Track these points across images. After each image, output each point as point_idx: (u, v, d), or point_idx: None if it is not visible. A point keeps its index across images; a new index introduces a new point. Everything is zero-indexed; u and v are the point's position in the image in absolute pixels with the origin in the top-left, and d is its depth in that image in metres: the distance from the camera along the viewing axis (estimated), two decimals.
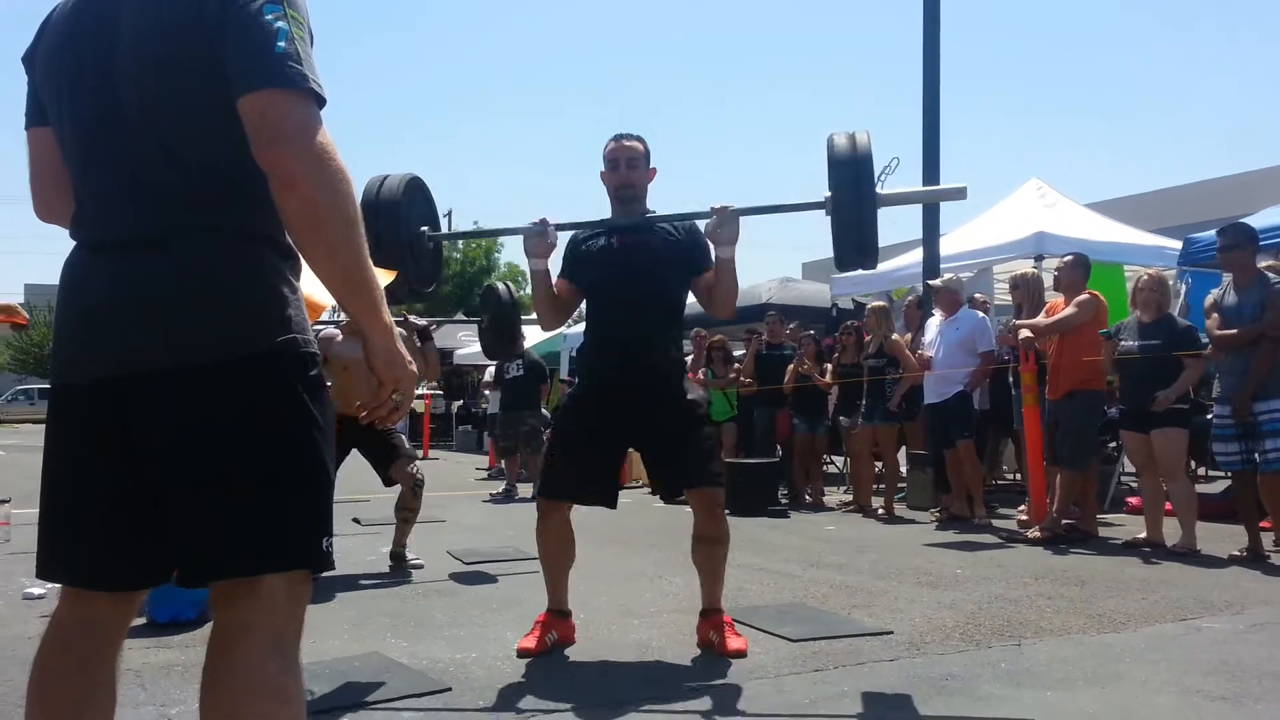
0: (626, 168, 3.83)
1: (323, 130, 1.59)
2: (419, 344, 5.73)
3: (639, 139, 3.89)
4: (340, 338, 5.58)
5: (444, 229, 4.23)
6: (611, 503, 3.83)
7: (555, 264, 3.88)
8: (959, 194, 3.83)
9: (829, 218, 3.51)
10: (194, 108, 1.63)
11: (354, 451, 5.59)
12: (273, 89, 1.57)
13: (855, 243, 3.45)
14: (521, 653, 3.65)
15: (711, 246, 3.72)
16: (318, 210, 1.57)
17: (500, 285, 5.37)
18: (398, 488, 5.67)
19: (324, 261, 1.62)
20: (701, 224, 3.76)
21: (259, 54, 1.58)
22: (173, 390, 1.60)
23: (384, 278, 6.35)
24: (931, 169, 9.62)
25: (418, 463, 5.73)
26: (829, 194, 3.48)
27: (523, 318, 5.26)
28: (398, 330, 1.73)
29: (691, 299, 3.91)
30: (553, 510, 3.81)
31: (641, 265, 3.79)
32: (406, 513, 5.68)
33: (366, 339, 1.70)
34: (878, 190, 3.48)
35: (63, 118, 1.74)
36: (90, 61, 1.69)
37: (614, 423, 3.76)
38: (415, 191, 3.79)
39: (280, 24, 1.59)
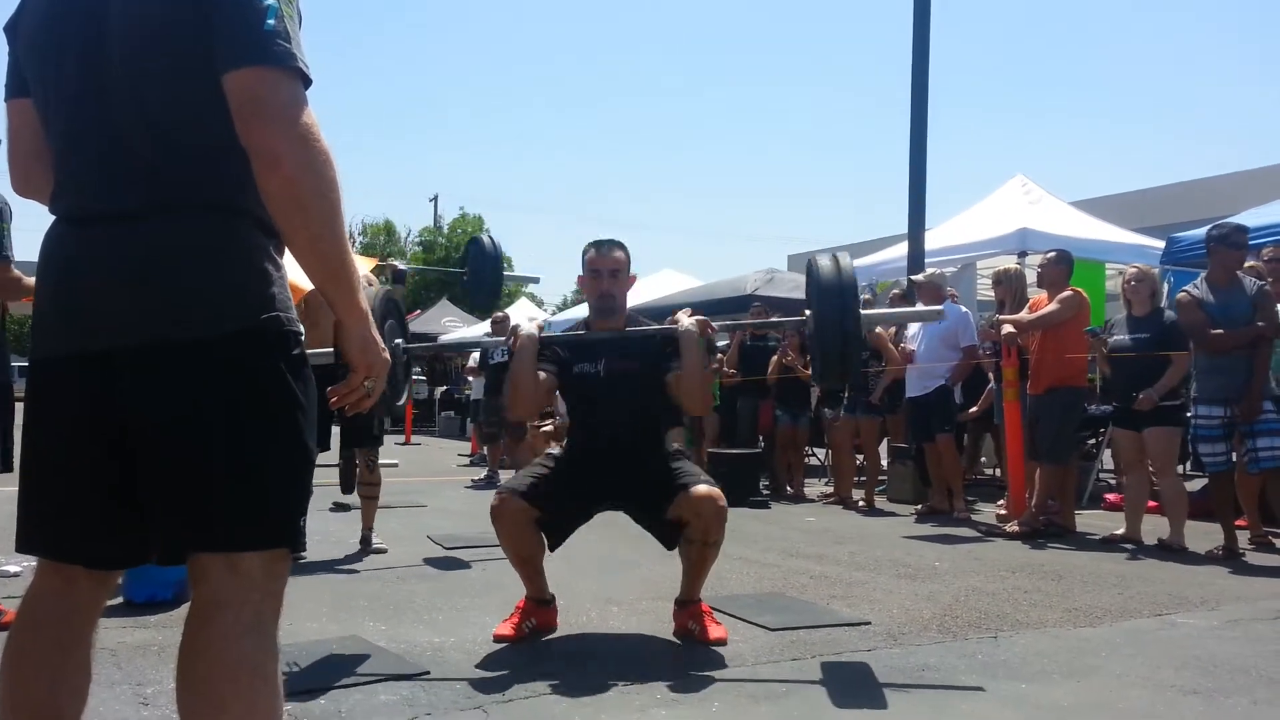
0: (609, 279, 3.84)
1: (308, 110, 1.58)
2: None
3: (620, 247, 3.89)
4: None
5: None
6: (553, 546, 3.81)
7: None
8: (937, 315, 3.95)
9: (810, 338, 3.67)
10: (180, 83, 1.61)
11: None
12: (259, 66, 1.55)
13: (838, 369, 3.56)
14: (498, 639, 3.64)
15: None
16: (301, 191, 1.55)
17: (484, 237, 5.33)
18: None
19: (304, 243, 1.60)
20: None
21: (246, 31, 1.56)
22: (154, 365, 1.58)
23: (363, 264, 6.30)
24: (918, 164, 9.64)
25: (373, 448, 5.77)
26: (809, 314, 3.61)
27: (506, 273, 5.22)
28: (371, 317, 1.72)
29: None
30: (515, 510, 3.66)
31: (629, 396, 3.82)
32: (367, 488, 5.72)
33: (341, 324, 1.68)
34: (862, 312, 3.60)
35: (46, 89, 1.72)
36: (76, 33, 1.66)
37: (598, 490, 3.81)
38: (390, 305, 3.70)
39: (269, 1, 1.58)
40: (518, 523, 3.67)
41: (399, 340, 3.75)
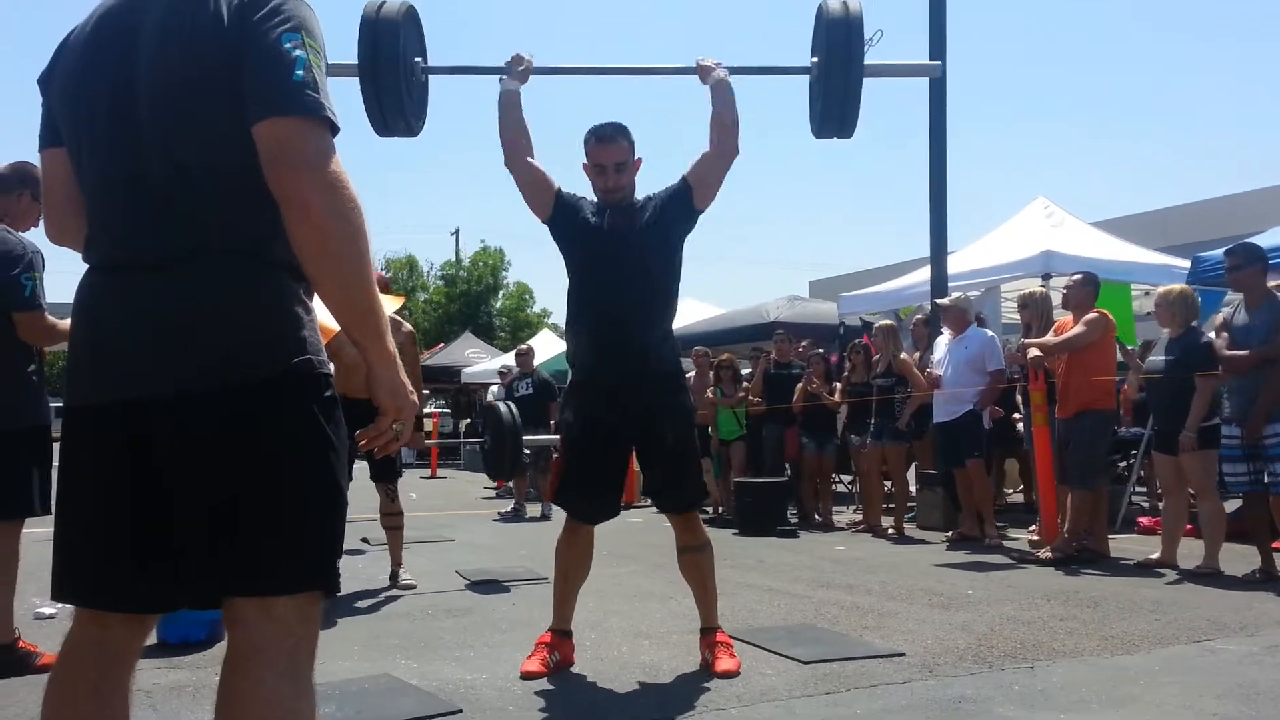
0: (614, 172, 3.73)
1: (336, 159, 1.61)
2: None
3: (623, 134, 3.75)
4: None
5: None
6: (615, 513, 3.87)
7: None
8: (933, 70, 3.98)
9: (812, 83, 3.66)
10: (211, 132, 1.64)
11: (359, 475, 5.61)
12: (289, 116, 1.58)
13: (838, 108, 3.53)
14: (526, 675, 3.62)
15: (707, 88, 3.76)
16: (330, 239, 1.58)
17: (503, 406, 5.43)
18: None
19: (333, 290, 1.62)
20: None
21: (277, 81, 1.59)
22: (188, 412, 1.60)
23: (390, 304, 6.37)
24: (939, 188, 9.63)
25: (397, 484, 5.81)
26: (815, 59, 3.58)
27: (524, 438, 5.39)
28: (399, 360, 1.73)
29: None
30: (582, 525, 3.83)
31: (632, 258, 3.70)
32: (391, 518, 5.76)
33: (370, 367, 1.69)
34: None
35: (79, 139, 1.75)
36: (107, 83, 1.69)
37: (618, 427, 3.71)
38: (412, 18, 3.72)
39: (299, 52, 1.61)
40: (581, 546, 3.84)
41: (418, 59, 3.79)
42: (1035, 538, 6.95)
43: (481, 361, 21.10)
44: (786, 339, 9.79)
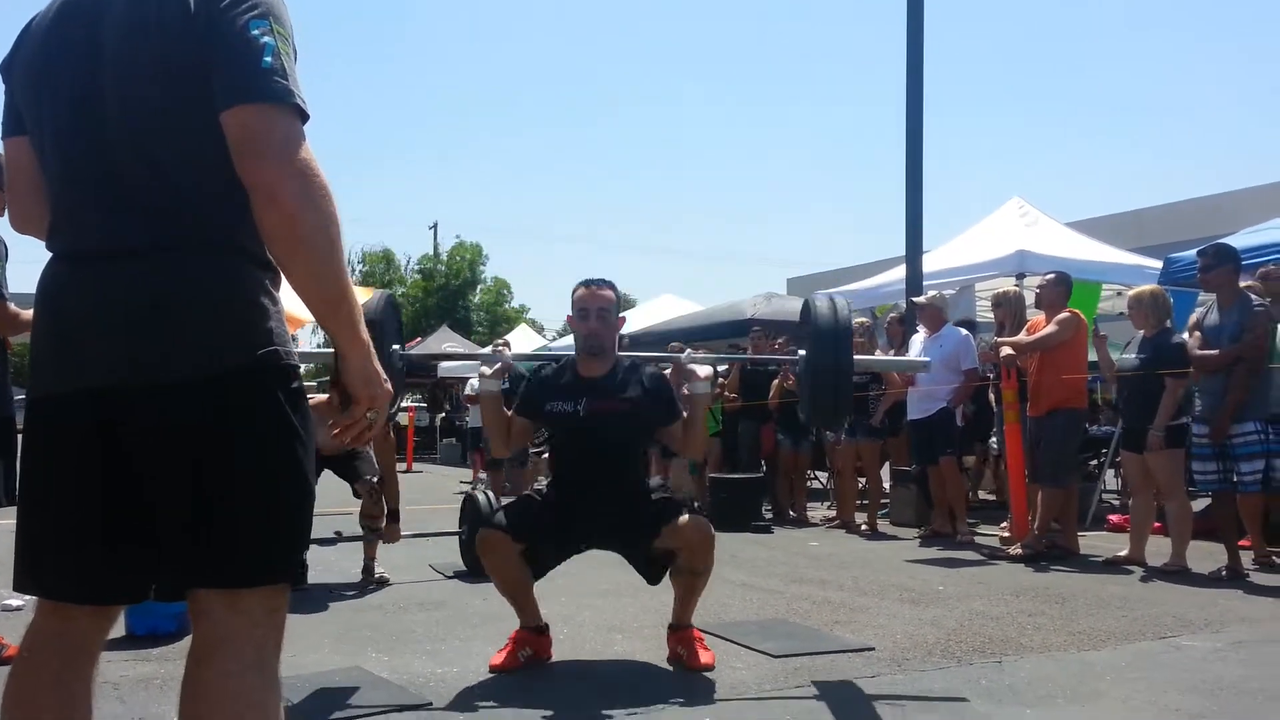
0: (597, 319, 3.80)
1: (306, 146, 1.59)
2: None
3: (610, 287, 3.85)
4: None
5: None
6: (537, 576, 3.79)
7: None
8: (924, 367, 4.07)
9: (801, 374, 3.81)
10: (175, 119, 1.62)
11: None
12: (257, 103, 1.57)
13: (830, 407, 3.67)
14: (494, 670, 3.62)
15: (685, 387, 3.85)
16: (300, 226, 1.56)
17: (481, 497, 5.43)
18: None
19: (304, 278, 1.61)
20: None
21: (244, 68, 1.57)
22: (153, 403, 1.58)
23: (363, 295, 6.40)
24: (914, 187, 9.68)
25: (373, 478, 5.74)
26: (804, 354, 3.74)
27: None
28: (373, 348, 1.72)
29: None
30: (499, 543, 3.68)
31: (608, 439, 3.80)
32: (369, 520, 5.67)
33: (343, 357, 1.68)
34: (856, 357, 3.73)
35: (42, 126, 1.73)
36: (71, 70, 1.67)
37: (583, 534, 3.81)
38: (390, 309, 3.75)
39: (266, 39, 1.59)
40: (502, 555, 3.68)
41: (395, 346, 3.78)
42: (1006, 534, 7.01)
43: (458, 357, 21.01)
44: (763, 336, 9.82)
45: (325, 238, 1.59)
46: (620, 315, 3.92)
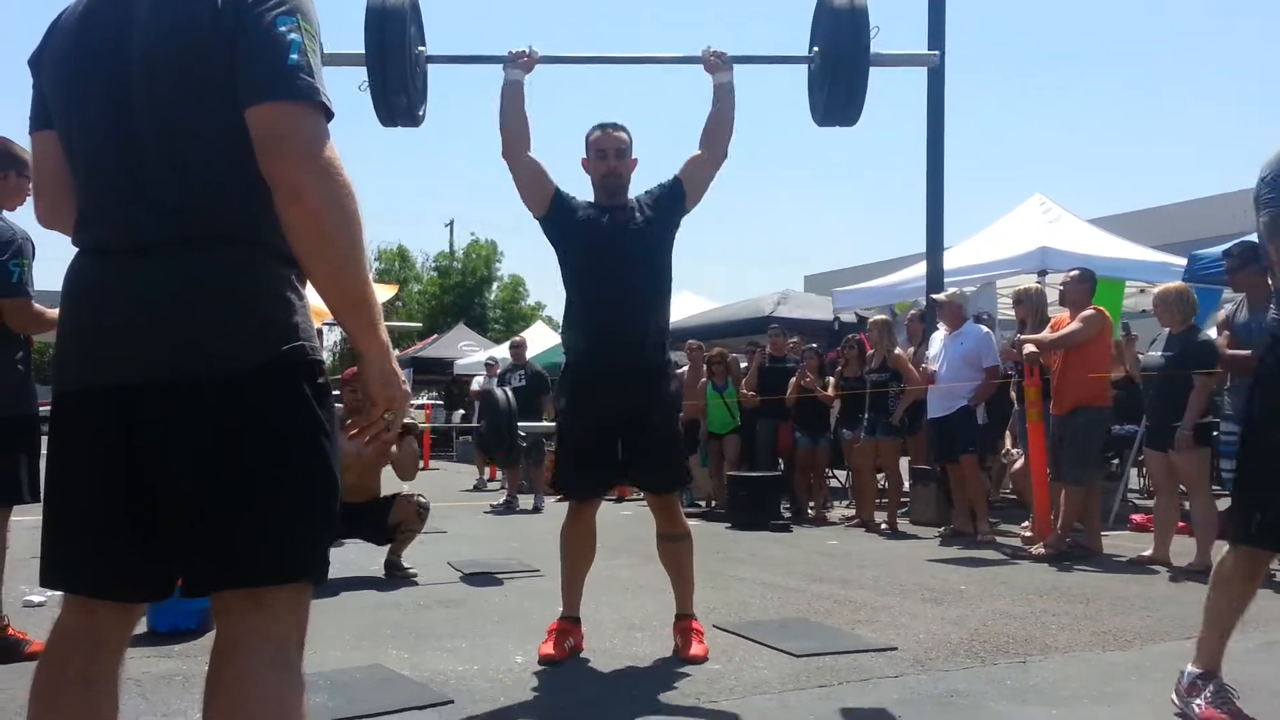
0: (615, 158, 3.83)
1: (330, 144, 1.59)
2: (398, 438, 5.79)
3: (624, 129, 3.88)
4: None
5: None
6: (606, 488, 4.01)
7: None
8: (931, 60, 4.03)
9: (814, 72, 3.75)
10: (202, 115, 1.62)
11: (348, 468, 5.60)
12: (282, 101, 1.57)
13: (844, 98, 3.59)
14: (544, 659, 3.68)
15: (710, 77, 3.83)
16: (324, 224, 1.56)
17: (499, 393, 5.45)
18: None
19: (325, 276, 1.61)
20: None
21: (271, 65, 1.57)
22: (179, 399, 1.58)
23: (383, 293, 6.40)
24: (935, 183, 9.62)
25: (419, 496, 5.78)
26: (816, 48, 3.68)
27: (518, 423, 5.44)
28: (393, 350, 1.71)
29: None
30: (584, 509, 3.89)
31: (629, 249, 3.78)
32: (409, 532, 5.70)
33: (362, 356, 1.68)
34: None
35: (70, 122, 1.73)
36: (99, 65, 1.67)
37: (610, 409, 3.77)
38: (414, 6, 3.72)
39: (294, 36, 1.59)
40: (590, 534, 3.91)
41: (421, 48, 3.78)
42: (1028, 534, 6.96)
43: (474, 354, 21.06)
44: (781, 333, 9.79)
45: (347, 236, 1.59)
46: (634, 157, 3.92)
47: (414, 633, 4.22)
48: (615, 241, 3.77)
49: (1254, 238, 6.76)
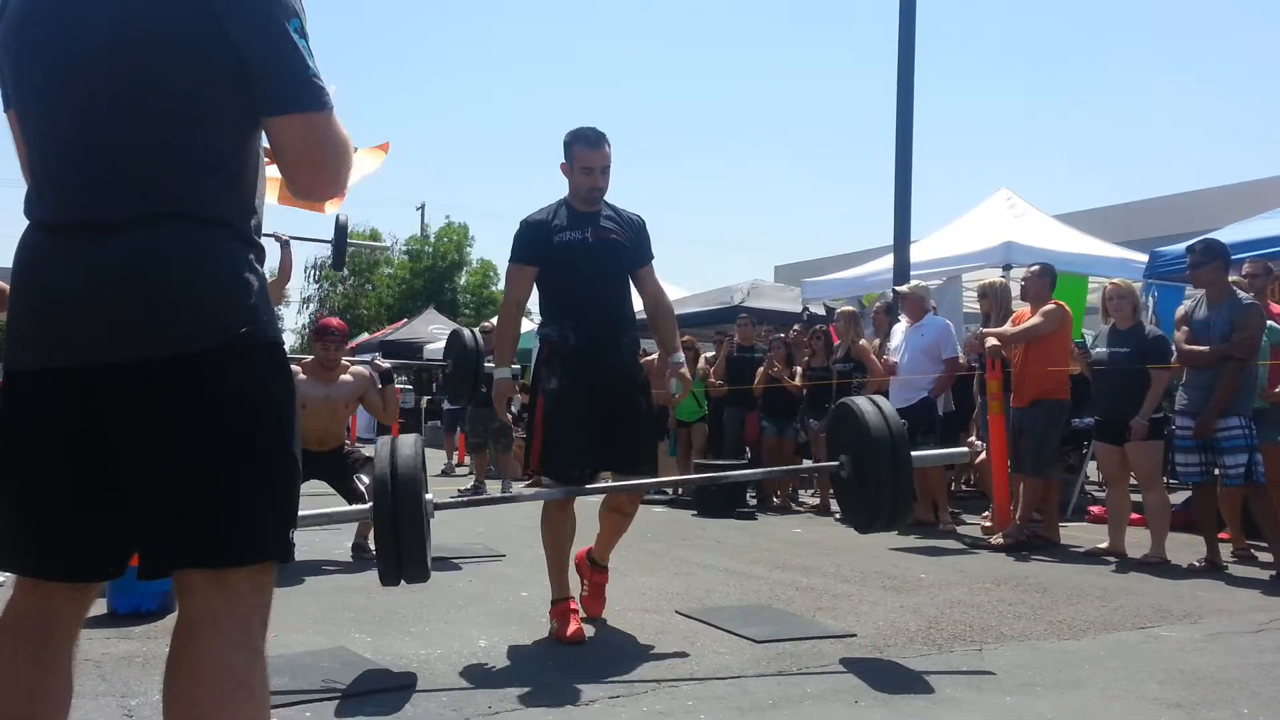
0: (600, 174, 3.99)
1: (348, 140, 1.73)
2: (380, 386, 5.89)
3: (606, 139, 4.02)
4: (301, 375, 5.61)
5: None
6: (594, 469, 4.08)
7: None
8: (963, 456, 4.05)
9: (848, 481, 3.83)
10: (165, 91, 1.60)
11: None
12: (309, 113, 1.64)
13: (890, 510, 3.67)
14: (572, 639, 3.77)
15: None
16: (332, 198, 1.73)
17: (466, 332, 5.45)
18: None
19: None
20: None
21: (293, 74, 1.62)
22: (135, 379, 1.56)
23: (372, 160, 6.49)
24: (904, 177, 9.69)
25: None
26: (845, 458, 3.79)
27: (485, 363, 5.46)
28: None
29: None
30: (563, 507, 4.01)
31: (617, 261, 4.05)
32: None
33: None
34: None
35: (27, 94, 1.70)
36: (61, 38, 1.63)
37: (597, 398, 3.91)
38: (421, 453, 3.54)
39: (303, 40, 1.63)
40: (567, 516, 4.00)
41: None
42: (988, 524, 7.06)
43: (444, 338, 20.95)
44: (749, 323, 9.84)
45: (344, 187, 1.83)
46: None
47: (378, 616, 4.23)
48: (599, 255, 4.00)
49: (1217, 235, 6.89)
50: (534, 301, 4.30)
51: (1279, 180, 18.75)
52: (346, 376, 5.91)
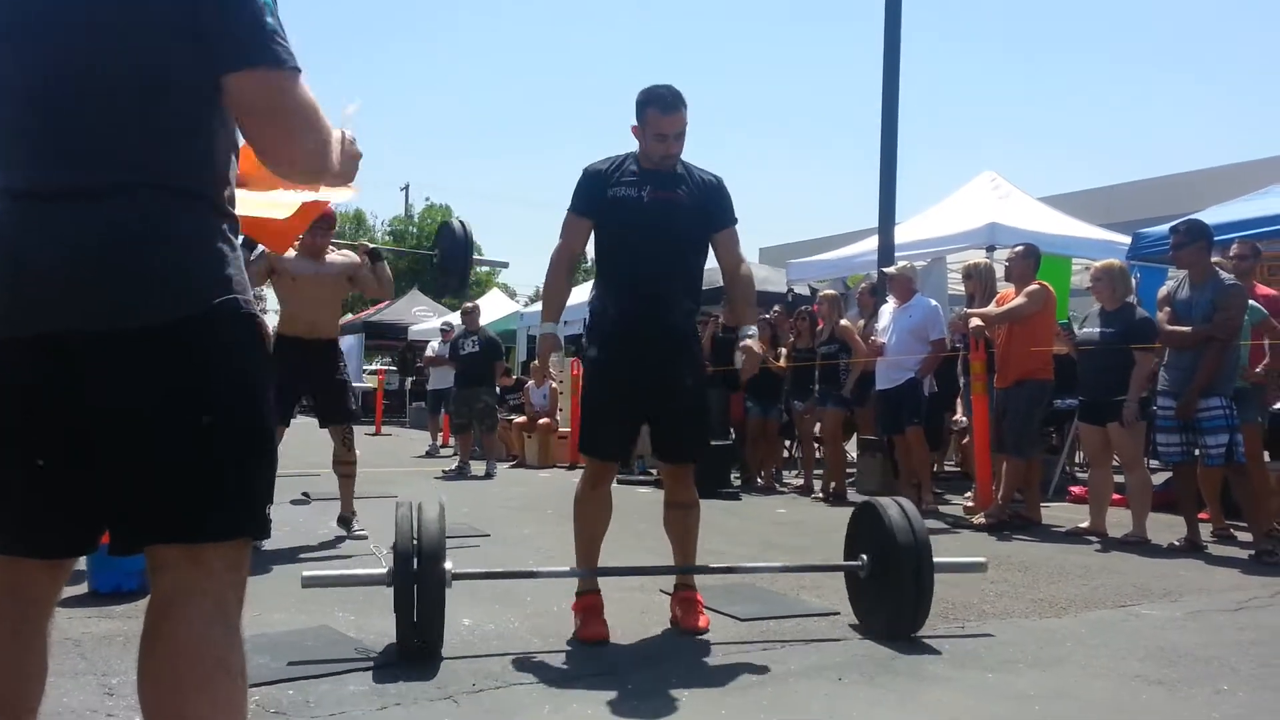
0: (675, 140, 3.67)
1: (314, 100, 1.66)
2: (370, 264, 5.78)
3: (683, 101, 3.66)
4: (293, 255, 5.52)
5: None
6: (626, 453, 3.96)
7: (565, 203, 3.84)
8: (980, 567, 4.03)
9: (865, 579, 3.75)
10: (141, 59, 1.58)
11: (295, 427, 5.58)
12: (266, 69, 1.59)
13: (911, 611, 3.60)
14: (594, 640, 3.53)
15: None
16: (311, 174, 1.73)
17: (455, 222, 5.35)
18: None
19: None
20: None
21: (250, 30, 1.58)
22: (109, 350, 1.54)
23: (344, 194, 6.37)
24: (888, 159, 9.68)
25: (350, 424, 5.83)
26: (865, 558, 3.72)
27: (475, 257, 5.33)
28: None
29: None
30: (602, 473, 3.77)
31: (672, 226, 3.70)
32: (344, 467, 5.77)
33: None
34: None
35: (2, 58, 1.65)
36: (37, 7, 1.61)
37: (641, 374, 3.68)
38: (443, 517, 3.49)
39: (267, 3, 1.60)
40: (603, 502, 3.78)
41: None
42: (970, 504, 7.09)
43: (428, 319, 20.94)
44: None
45: (329, 165, 1.72)
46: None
47: (360, 595, 4.20)
48: (656, 220, 3.68)
49: (1200, 216, 6.91)
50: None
51: (1262, 163, 18.82)
52: (336, 256, 5.76)
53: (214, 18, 1.56)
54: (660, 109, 3.62)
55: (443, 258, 5.48)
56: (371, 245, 6.00)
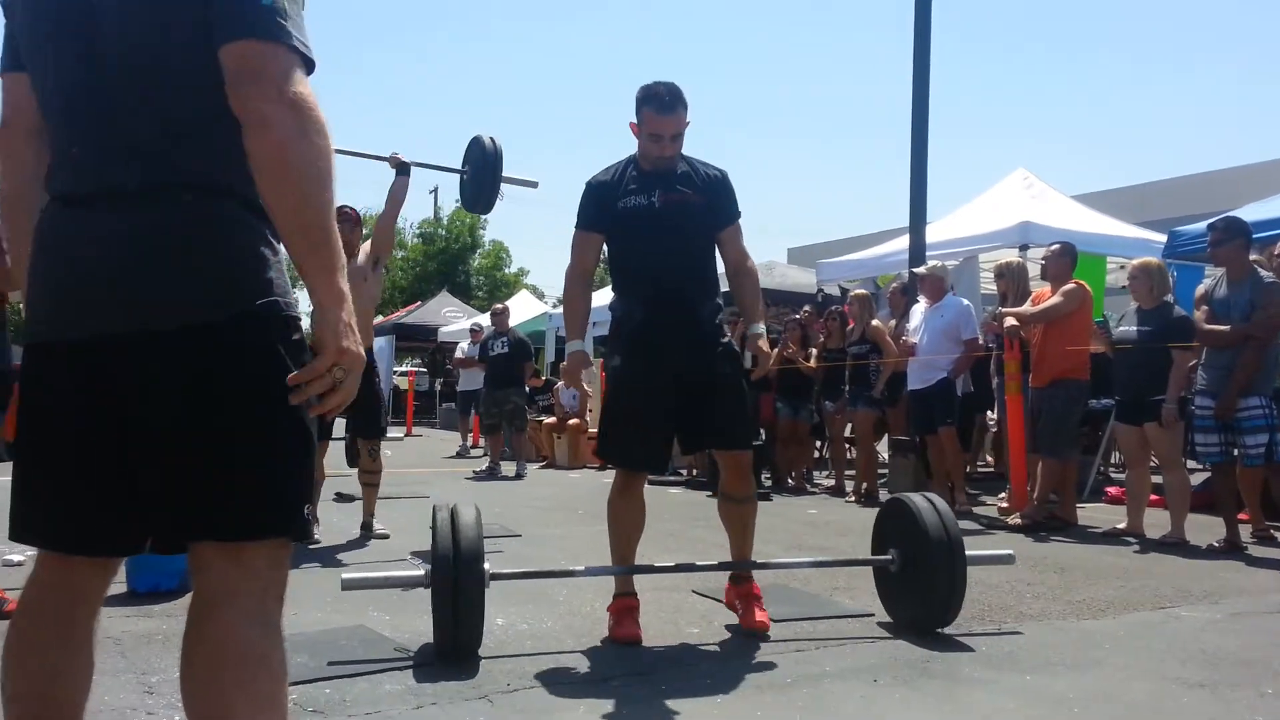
0: (670, 142, 3.61)
1: (305, 81, 1.56)
2: (394, 172, 5.64)
3: (681, 101, 3.59)
4: None
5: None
6: (664, 464, 3.91)
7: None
8: (1008, 559, 4.03)
9: (894, 573, 3.78)
10: (178, 62, 1.59)
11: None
12: (253, 39, 1.53)
13: (942, 609, 3.63)
14: (627, 640, 3.53)
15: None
16: (290, 156, 1.51)
17: (485, 137, 5.26)
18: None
19: (289, 212, 1.54)
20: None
21: (244, 5, 1.54)
22: (152, 352, 1.56)
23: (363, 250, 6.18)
24: (919, 157, 9.62)
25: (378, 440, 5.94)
26: (895, 551, 3.76)
27: (504, 175, 5.23)
28: (351, 304, 1.62)
29: None
30: (633, 478, 3.75)
31: (688, 228, 3.67)
32: (369, 475, 5.89)
33: (317, 304, 1.59)
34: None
35: (43, 65, 1.68)
36: (74, 9, 1.63)
37: (669, 374, 3.63)
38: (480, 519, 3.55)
39: None
40: (642, 505, 3.76)
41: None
42: (1005, 505, 7.03)
43: (458, 320, 21.02)
44: (765, 304, 9.78)
45: (314, 171, 1.53)
46: (687, 120, 3.67)
47: (395, 594, 4.23)
48: (667, 224, 3.64)
49: (1236, 214, 6.82)
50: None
51: None
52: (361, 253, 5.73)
53: (215, 4, 1.55)
54: (656, 109, 3.56)
55: (473, 172, 5.39)
56: (405, 159, 5.80)
